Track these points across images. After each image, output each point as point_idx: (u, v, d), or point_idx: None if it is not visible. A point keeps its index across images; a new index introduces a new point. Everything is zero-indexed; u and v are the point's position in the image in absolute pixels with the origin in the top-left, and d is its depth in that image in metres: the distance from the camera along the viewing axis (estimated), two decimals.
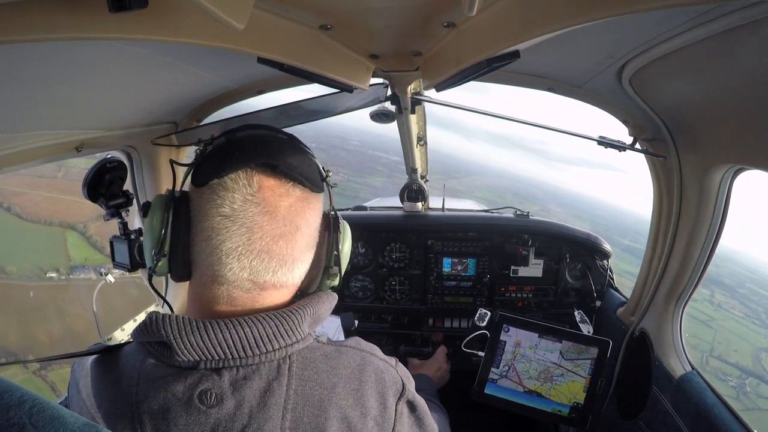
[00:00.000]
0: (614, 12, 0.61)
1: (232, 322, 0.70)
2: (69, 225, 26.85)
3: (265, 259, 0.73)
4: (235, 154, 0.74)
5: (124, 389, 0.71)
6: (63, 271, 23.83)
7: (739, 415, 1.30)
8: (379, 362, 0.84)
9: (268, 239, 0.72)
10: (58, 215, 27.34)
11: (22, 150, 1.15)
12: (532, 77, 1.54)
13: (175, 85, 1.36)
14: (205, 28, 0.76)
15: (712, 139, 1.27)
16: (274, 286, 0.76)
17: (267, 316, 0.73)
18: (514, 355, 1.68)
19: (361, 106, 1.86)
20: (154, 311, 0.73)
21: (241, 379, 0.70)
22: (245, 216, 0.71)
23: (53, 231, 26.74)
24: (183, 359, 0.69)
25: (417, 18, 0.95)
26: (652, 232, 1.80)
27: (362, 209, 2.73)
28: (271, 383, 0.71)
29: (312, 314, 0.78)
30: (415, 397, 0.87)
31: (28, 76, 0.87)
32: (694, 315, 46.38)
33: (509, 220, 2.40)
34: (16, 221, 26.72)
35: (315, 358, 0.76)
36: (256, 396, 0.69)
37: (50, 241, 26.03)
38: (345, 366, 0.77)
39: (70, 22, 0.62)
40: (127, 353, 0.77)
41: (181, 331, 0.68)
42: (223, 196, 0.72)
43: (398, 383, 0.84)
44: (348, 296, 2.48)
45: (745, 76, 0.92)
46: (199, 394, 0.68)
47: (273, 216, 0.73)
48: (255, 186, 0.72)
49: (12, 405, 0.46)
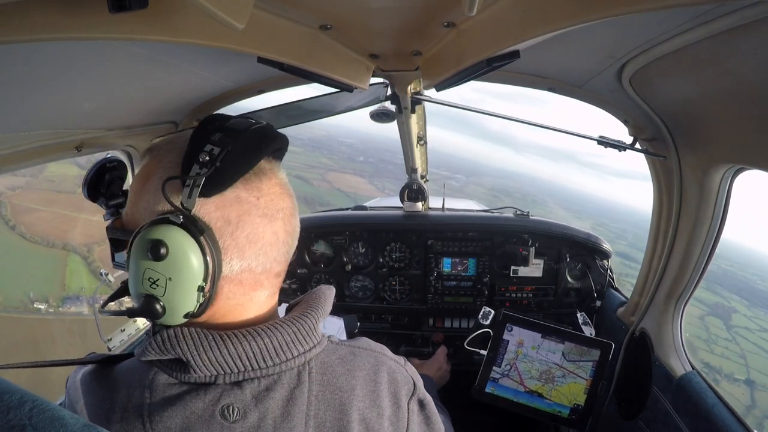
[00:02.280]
0: (614, 12, 0.61)
1: (251, 333, 0.67)
2: (72, 248, 25.42)
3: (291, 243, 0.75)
4: (255, 146, 0.70)
5: (133, 410, 0.66)
6: (53, 302, 21.65)
7: (739, 415, 1.30)
8: (391, 362, 0.83)
9: (289, 219, 0.74)
10: (63, 236, 25.99)
11: (22, 150, 1.15)
12: (532, 77, 1.54)
13: (175, 85, 1.36)
14: (205, 28, 0.76)
15: (712, 139, 1.27)
16: (277, 275, 0.76)
17: (284, 322, 0.71)
18: (516, 355, 1.68)
19: (361, 105, 1.86)
20: (161, 327, 0.68)
21: (263, 390, 0.68)
22: (277, 207, 0.72)
23: (55, 254, 25.23)
24: (200, 374, 0.66)
25: (417, 18, 0.95)
26: (652, 232, 1.80)
27: (362, 209, 2.73)
28: (293, 391, 0.69)
29: (323, 314, 0.77)
30: (425, 395, 0.87)
31: (28, 76, 0.87)
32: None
33: (509, 220, 2.40)
34: (19, 242, 25.46)
35: (332, 362, 0.74)
36: (279, 406, 0.68)
37: (49, 265, 24.38)
38: (361, 368, 0.76)
39: (70, 22, 0.62)
40: (130, 368, 0.72)
41: (198, 347, 0.65)
42: (256, 192, 0.69)
43: (410, 382, 0.84)
44: (348, 296, 2.47)
45: (745, 76, 0.92)
46: (221, 409, 0.66)
47: (285, 198, 0.74)
48: (267, 172, 0.72)
49: (12, 406, 0.46)
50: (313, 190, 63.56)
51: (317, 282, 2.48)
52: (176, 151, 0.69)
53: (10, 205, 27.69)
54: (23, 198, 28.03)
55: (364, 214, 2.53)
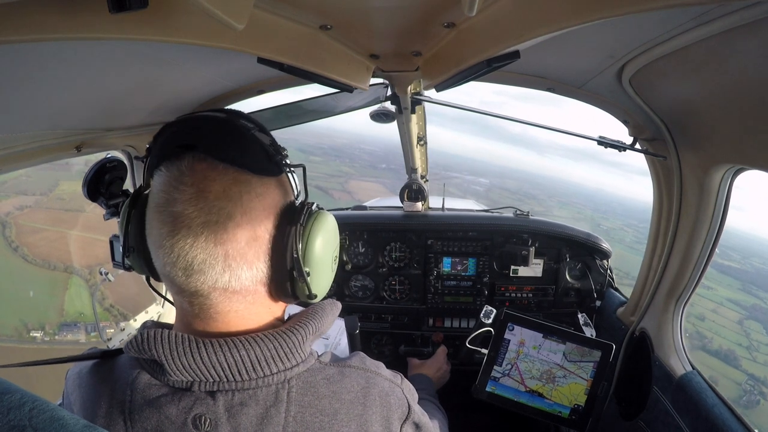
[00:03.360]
0: (614, 12, 0.61)
1: (227, 343, 0.65)
2: (74, 270, 24.61)
3: (196, 255, 0.64)
4: (163, 139, 0.68)
5: (116, 406, 0.68)
6: (49, 329, 20.69)
7: (739, 415, 1.30)
8: (384, 382, 0.79)
9: (196, 229, 0.63)
10: (66, 258, 25.16)
11: (22, 150, 1.15)
12: (532, 77, 1.54)
13: (175, 85, 1.36)
14: (205, 28, 0.76)
15: (712, 139, 1.27)
16: (225, 290, 0.67)
17: (265, 336, 0.68)
18: (517, 354, 1.68)
19: (361, 106, 1.86)
20: (149, 323, 0.70)
21: (237, 404, 0.65)
22: (173, 205, 0.64)
23: (56, 277, 24.30)
24: (176, 379, 0.65)
25: (417, 18, 0.95)
26: (652, 232, 1.80)
27: (362, 209, 2.73)
28: (269, 410, 0.66)
29: (315, 332, 0.73)
30: (420, 418, 0.85)
31: (28, 76, 0.87)
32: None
33: (509, 219, 2.40)
34: (21, 264, 24.70)
35: (316, 382, 0.70)
36: (252, 423, 0.65)
37: (49, 289, 23.41)
38: (348, 390, 0.72)
39: (70, 22, 0.62)
40: (121, 364, 0.73)
41: (173, 351, 0.64)
42: (158, 186, 0.66)
43: (404, 405, 0.81)
44: (348, 296, 2.47)
45: (745, 76, 0.92)
46: (193, 418, 0.65)
47: (199, 202, 0.63)
48: (184, 170, 0.64)
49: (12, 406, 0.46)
50: (333, 203, 62.65)
51: None
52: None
53: (16, 226, 27.17)
54: (30, 218, 27.44)
55: (364, 214, 2.53)
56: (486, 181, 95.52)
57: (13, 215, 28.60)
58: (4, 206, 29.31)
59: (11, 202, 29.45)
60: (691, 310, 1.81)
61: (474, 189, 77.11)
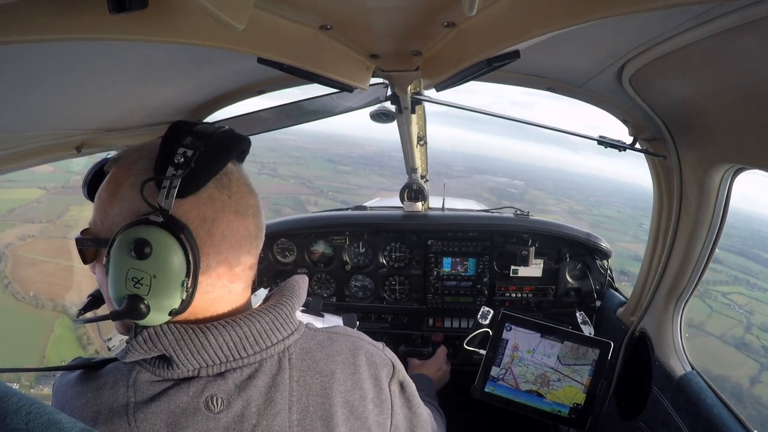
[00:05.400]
0: (614, 12, 0.61)
1: (230, 324, 0.70)
2: (63, 308, 22.05)
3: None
4: (224, 148, 0.73)
5: (117, 410, 0.67)
6: (25, 381, 18.03)
7: (739, 415, 1.30)
8: (369, 346, 0.86)
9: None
10: (59, 293, 22.80)
11: (22, 150, 1.15)
12: (532, 77, 1.54)
13: (175, 85, 1.36)
14: (205, 28, 0.76)
15: (712, 139, 1.27)
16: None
17: (261, 311, 0.74)
18: (511, 359, 1.68)
19: (361, 105, 1.86)
20: (142, 328, 0.67)
21: (246, 379, 0.70)
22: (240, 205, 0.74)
23: (44, 317, 21.86)
24: (183, 369, 0.68)
25: (417, 18, 0.95)
26: (652, 232, 1.80)
27: (362, 209, 2.73)
28: (275, 378, 0.72)
29: (298, 303, 0.80)
30: (405, 378, 0.89)
31: (28, 76, 0.87)
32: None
33: (509, 220, 2.40)
34: (10, 302, 22.48)
35: (311, 347, 0.77)
36: (262, 393, 0.70)
37: (34, 332, 21.08)
38: (339, 352, 0.79)
39: (70, 22, 0.62)
40: (113, 370, 0.72)
41: (180, 341, 0.67)
42: (227, 191, 0.72)
43: (389, 364, 0.86)
44: (348, 296, 2.47)
45: (745, 76, 0.92)
46: (205, 400, 0.68)
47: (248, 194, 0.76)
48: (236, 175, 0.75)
49: (10, 411, 0.46)
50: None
51: (317, 281, 2.48)
52: (146, 158, 0.71)
53: (13, 258, 25.68)
54: (31, 248, 25.98)
55: (364, 214, 2.53)
56: (521, 183, 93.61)
57: (13, 246, 26.84)
58: (7, 236, 27.68)
59: (15, 232, 27.85)
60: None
61: (509, 192, 74.88)
